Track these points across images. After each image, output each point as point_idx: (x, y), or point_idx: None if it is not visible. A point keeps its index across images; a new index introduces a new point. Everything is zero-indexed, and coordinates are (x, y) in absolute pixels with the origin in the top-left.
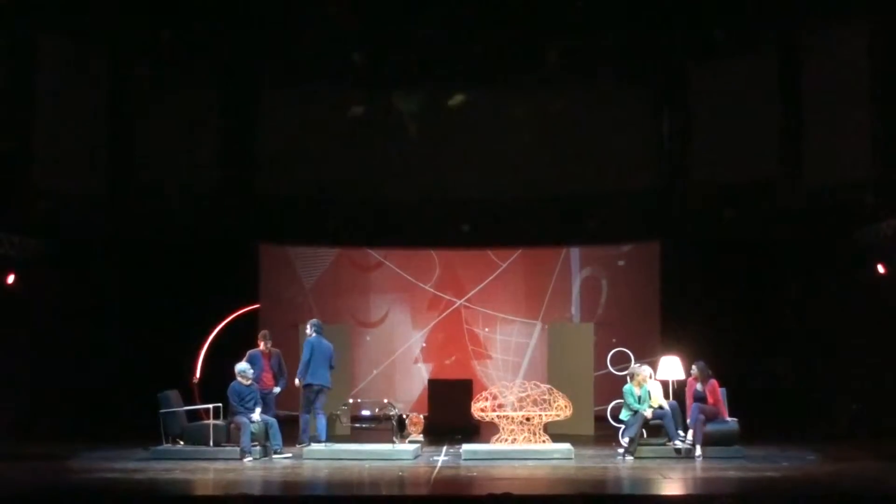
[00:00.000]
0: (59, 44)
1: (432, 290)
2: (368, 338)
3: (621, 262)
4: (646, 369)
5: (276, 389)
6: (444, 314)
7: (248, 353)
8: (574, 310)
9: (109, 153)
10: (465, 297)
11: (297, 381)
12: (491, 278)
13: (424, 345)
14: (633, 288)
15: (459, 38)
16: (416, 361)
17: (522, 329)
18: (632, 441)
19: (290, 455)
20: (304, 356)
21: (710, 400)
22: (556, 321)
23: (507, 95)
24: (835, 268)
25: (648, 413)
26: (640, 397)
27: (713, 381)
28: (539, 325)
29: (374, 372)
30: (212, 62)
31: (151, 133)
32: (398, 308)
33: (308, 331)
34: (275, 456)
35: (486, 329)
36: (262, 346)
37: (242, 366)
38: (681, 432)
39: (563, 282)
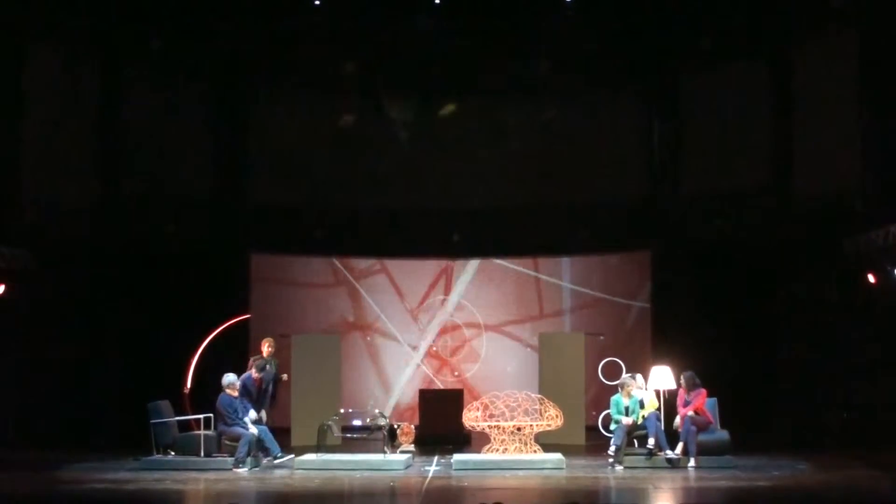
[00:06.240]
0: (48, 52)
1: (424, 294)
2: (369, 338)
3: (613, 261)
4: (638, 378)
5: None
6: (436, 319)
7: (244, 374)
8: (565, 305)
9: (100, 162)
10: (457, 301)
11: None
12: (482, 282)
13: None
14: (624, 296)
15: (451, 47)
16: (408, 364)
17: (513, 333)
18: (618, 450)
19: (290, 456)
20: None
21: (692, 408)
22: (547, 331)
23: (498, 104)
24: (825, 275)
25: (627, 420)
26: (628, 408)
27: (701, 391)
28: (530, 329)
29: (367, 377)
30: (204, 70)
31: (142, 142)
32: (390, 313)
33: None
34: (276, 461)
35: (478, 332)
36: (258, 374)
37: (230, 378)
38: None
39: (554, 287)
